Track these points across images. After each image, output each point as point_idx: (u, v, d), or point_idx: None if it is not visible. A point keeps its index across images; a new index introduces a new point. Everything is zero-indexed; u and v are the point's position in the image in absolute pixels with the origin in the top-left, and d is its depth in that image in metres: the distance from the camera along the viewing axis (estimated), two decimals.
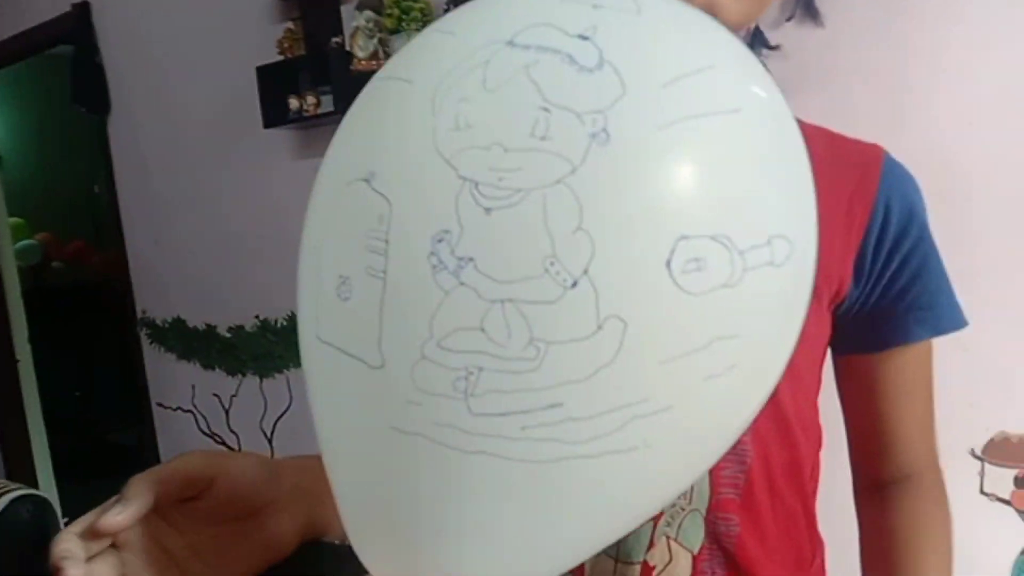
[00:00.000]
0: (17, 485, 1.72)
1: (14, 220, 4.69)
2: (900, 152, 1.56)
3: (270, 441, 3.24)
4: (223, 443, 3.34)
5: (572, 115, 0.46)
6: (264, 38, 2.65)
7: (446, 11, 2.14)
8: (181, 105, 3.07)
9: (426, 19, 2.24)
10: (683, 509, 0.72)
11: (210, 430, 3.37)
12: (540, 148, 0.46)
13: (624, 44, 0.48)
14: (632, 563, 0.72)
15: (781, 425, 0.75)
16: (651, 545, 0.72)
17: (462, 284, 0.46)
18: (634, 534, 0.72)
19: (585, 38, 0.48)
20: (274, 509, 0.60)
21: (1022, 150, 1.42)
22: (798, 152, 0.52)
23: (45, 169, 5.19)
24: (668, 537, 0.72)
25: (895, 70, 1.56)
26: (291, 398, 3.15)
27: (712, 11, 0.69)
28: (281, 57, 2.60)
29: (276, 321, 3.09)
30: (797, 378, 0.74)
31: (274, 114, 2.60)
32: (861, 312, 0.79)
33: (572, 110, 0.46)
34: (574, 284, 0.45)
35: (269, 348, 3.15)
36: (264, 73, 2.58)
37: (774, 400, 0.70)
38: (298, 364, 3.13)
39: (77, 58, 3.32)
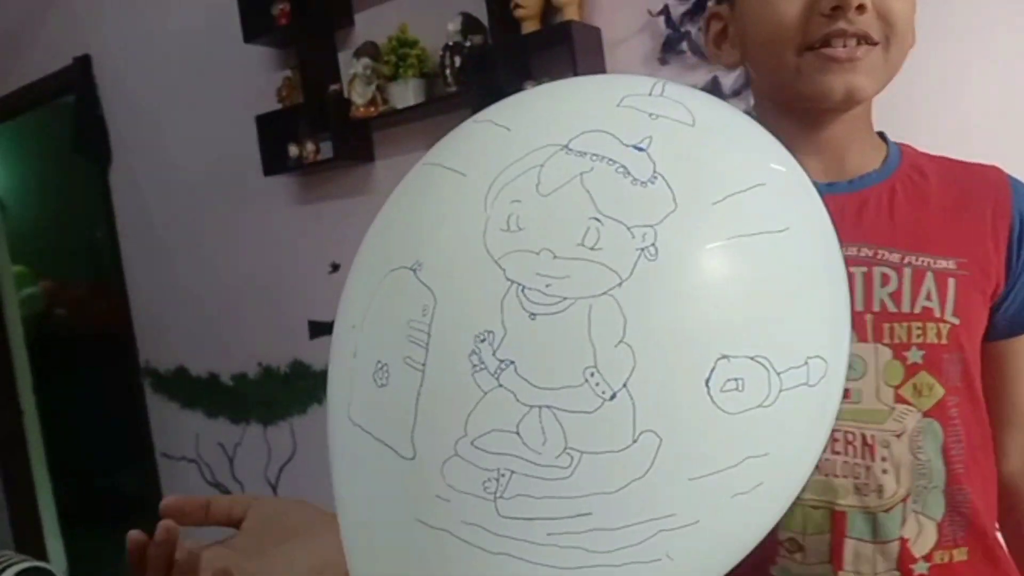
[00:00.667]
0: (22, 557, 1.69)
1: (17, 268, 4.68)
2: None
3: (275, 490, 3.22)
4: (227, 492, 3.32)
5: (623, 227, 0.48)
6: (263, 87, 2.72)
7: (442, 57, 2.18)
8: (181, 154, 3.13)
9: (423, 66, 2.28)
10: (925, 488, 0.84)
11: (215, 479, 3.37)
12: (589, 258, 0.47)
13: (678, 157, 0.49)
14: (891, 541, 0.83)
15: (976, 405, 0.88)
16: (903, 522, 0.84)
17: (501, 386, 0.46)
18: (888, 515, 0.83)
19: (640, 149, 0.49)
20: None
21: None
22: (840, 271, 0.53)
23: (48, 218, 5.22)
24: (916, 512, 0.84)
25: (886, 108, 1.60)
26: (295, 445, 3.15)
27: (851, 96, 0.80)
28: (280, 105, 2.66)
29: (279, 368, 3.10)
30: (976, 362, 0.87)
31: (274, 162, 2.65)
32: (1012, 303, 0.91)
33: (623, 223, 0.48)
34: (613, 396, 0.46)
35: (272, 395, 3.16)
36: (263, 121, 2.63)
37: (969, 382, 0.86)
38: (302, 411, 3.13)
39: (78, 109, 3.41)
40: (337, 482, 0.55)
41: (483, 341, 0.47)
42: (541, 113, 0.53)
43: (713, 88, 1.81)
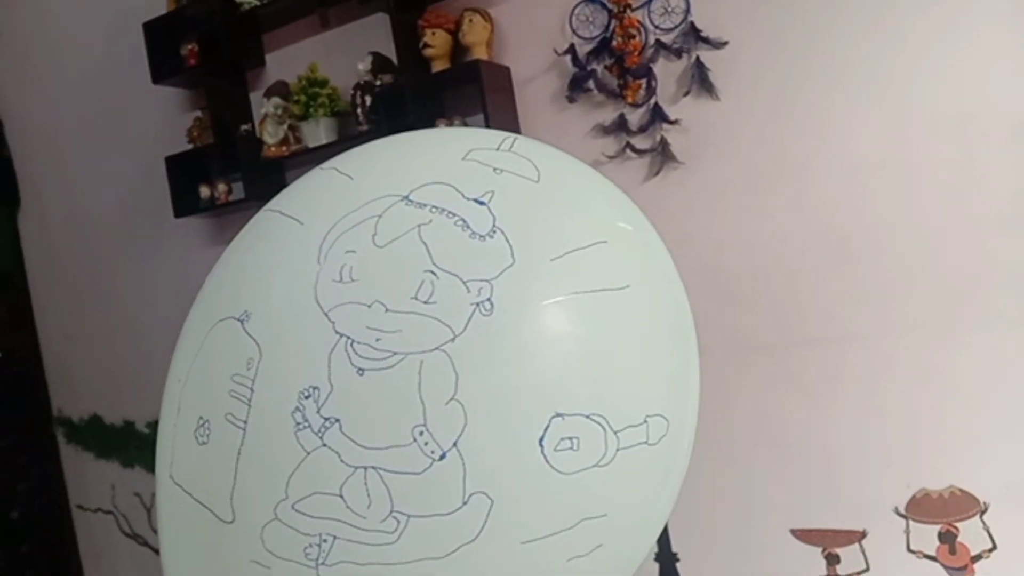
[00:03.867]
0: None
1: None
2: (801, 216, 1.70)
3: None
4: (146, 544, 3.23)
5: (458, 281, 0.50)
6: (173, 127, 2.73)
7: (353, 96, 2.23)
8: (92, 196, 3.12)
9: (334, 105, 2.32)
10: None
11: (132, 530, 3.29)
12: (422, 312, 0.49)
13: (519, 213, 0.53)
14: None
15: None
16: None
17: (325, 445, 0.48)
18: None
19: (481, 203, 0.52)
20: None
21: (916, 216, 1.58)
22: (685, 326, 0.57)
23: None
24: None
25: (790, 136, 1.73)
26: None
27: None
28: (190, 146, 2.66)
29: None
30: None
31: (185, 203, 2.65)
32: None
33: (459, 276, 0.50)
34: (443, 456, 0.48)
35: None
36: (173, 163, 2.62)
37: None
38: None
39: None
40: (161, 545, 0.55)
41: (308, 397, 0.48)
42: (386, 163, 0.56)
43: (620, 125, 1.91)
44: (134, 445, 3.24)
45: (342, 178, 0.56)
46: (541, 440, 0.49)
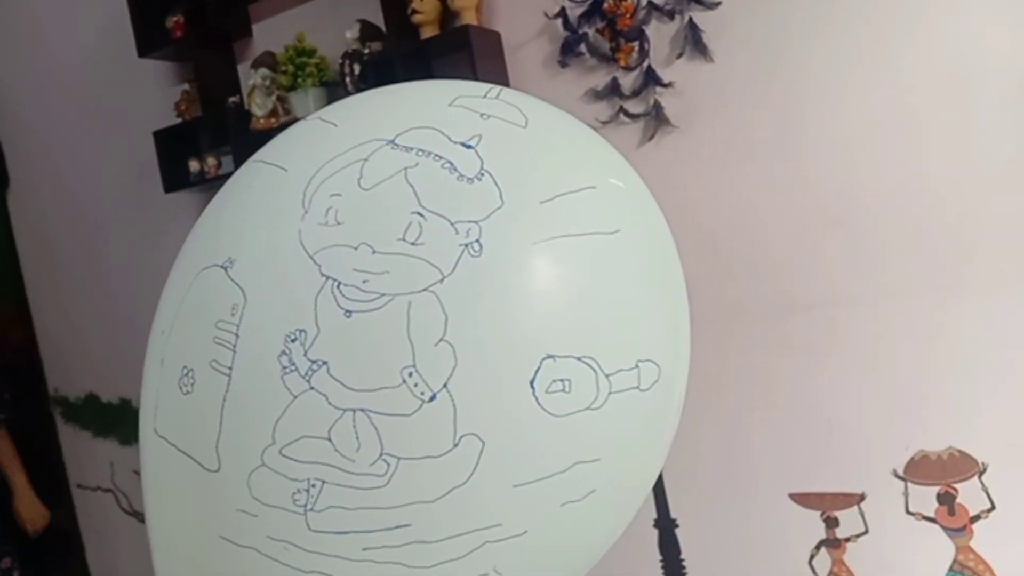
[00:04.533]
0: None
1: None
2: (797, 179, 1.71)
3: None
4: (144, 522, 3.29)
5: (447, 223, 0.50)
6: (160, 101, 2.72)
7: (341, 65, 2.22)
8: (81, 175, 3.12)
9: (322, 75, 2.31)
10: None
11: (132, 508, 3.33)
12: (410, 253, 0.49)
13: (507, 156, 0.52)
14: None
15: None
16: None
17: (312, 389, 0.48)
18: None
19: (469, 146, 0.52)
20: None
21: (914, 175, 1.59)
22: (675, 277, 0.57)
23: None
24: None
25: (785, 99, 1.73)
26: None
27: None
28: (179, 120, 2.65)
29: None
30: None
31: (175, 178, 2.65)
32: None
33: (447, 218, 0.50)
34: (432, 398, 0.48)
35: None
36: (162, 137, 2.61)
37: None
38: None
39: None
40: (146, 501, 0.55)
41: (294, 341, 0.48)
42: (371, 111, 0.56)
43: (613, 89, 1.89)
44: (131, 422, 3.26)
45: (326, 126, 0.56)
46: (532, 382, 0.49)
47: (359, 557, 0.48)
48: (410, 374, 0.48)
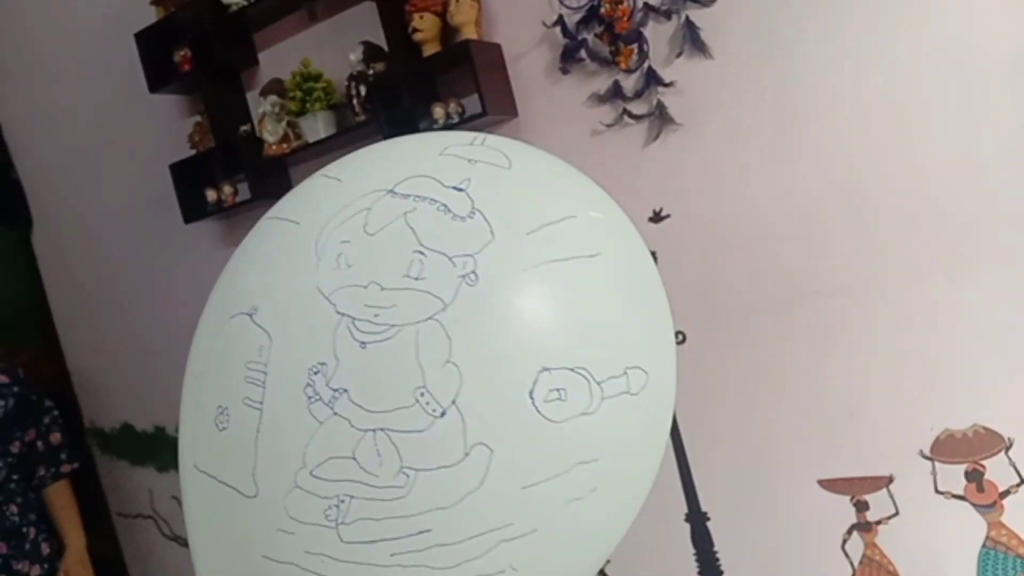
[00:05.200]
0: None
1: None
2: (801, 177, 1.76)
3: None
4: (186, 545, 3.38)
5: (445, 258, 0.57)
6: (174, 134, 2.84)
7: (347, 87, 2.31)
8: (101, 211, 3.25)
9: (329, 98, 2.40)
10: None
11: (172, 533, 3.44)
12: (414, 287, 0.57)
13: (495, 195, 0.60)
14: None
15: None
16: None
17: (336, 414, 0.55)
18: None
19: (460, 189, 0.59)
20: None
21: (915, 160, 1.62)
22: (655, 290, 0.64)
23: None
24: None
25: (786, 96, 1.77)
26: None
27: None
28: (193, 151, 2.76)
29: None
30: None
31: (193, 209, 2.77)
32: None
33: (445, 254, 0.57)
34: (443, 413, 0.55)
35: None
36: (178, 170, 2.73)
37: None
38: None
39: None
40: (190, 533, 0.62)
41: (317, 373, 0.55)
42: (371, 165, 0.63)
43: (615, 92, 1.96)
44: (167, 449, 3.37)
45: (332, 181, 0.64)
46: (531, 393, 0.56)
47: (388, 563, 0.56)
48: (422, 394, 0.55)
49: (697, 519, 1.86)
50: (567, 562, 0.61)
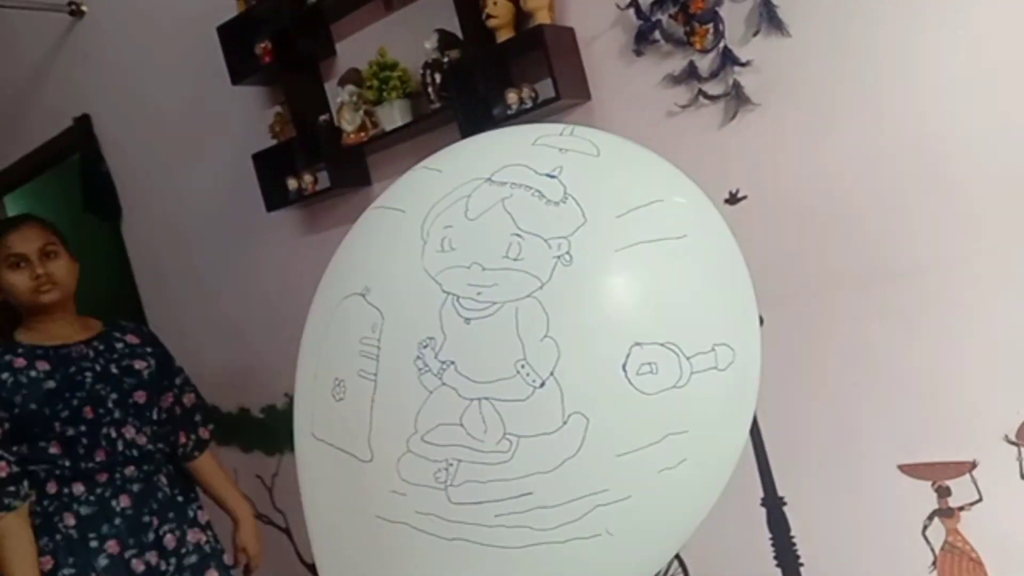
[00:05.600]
0: None
1: None
2: (883, 153, 1.73)
3: None
4: (271, 523, 3.55)
5: (541, 240, 0.62)
6: (256, 125, 2.96)
7: (423, 76, 2.37)
8: (187, 200, 3.43)
9: (405, 87, 2.47)
10: None
11: (257, 512, 3.63)
12: (513, 267, 0.62)
13: (585, 181, 0.64)
14: None
15: None
16: None
17: (444, 384, 0.60)
18: None
19: (552, 176, 0.64)
20: None
21: (1004, 129, 1.58)
22: (740, 271, 0.67)
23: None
24: None
25: (866, 71, 1.73)
26: None
27: None
28: (274, 141, 2.90)
29: None
30: None
31: (275, 197, 2.91)
32: None
33: (541, 236, 0.62)
34: (542, 384, 0.60)
35: None
36: (260, 159, 2.87)
37: None
38: None
39: (83, 168, 3.73)
40: (305, 496, 0.69)
41: (426, 347, 0.61)
42: (467, 156, 0.68)
43: (691, 72, 1.96)
44: (251, 430, 3.51)
45: (432, 172, 0.69)
46: (624, 366, 0.61)
47: (493, 523, 0.61)
48: (522, 366, 0.60)
49: (773, 503, 1.87)
50: (658, 529, 0.66)
